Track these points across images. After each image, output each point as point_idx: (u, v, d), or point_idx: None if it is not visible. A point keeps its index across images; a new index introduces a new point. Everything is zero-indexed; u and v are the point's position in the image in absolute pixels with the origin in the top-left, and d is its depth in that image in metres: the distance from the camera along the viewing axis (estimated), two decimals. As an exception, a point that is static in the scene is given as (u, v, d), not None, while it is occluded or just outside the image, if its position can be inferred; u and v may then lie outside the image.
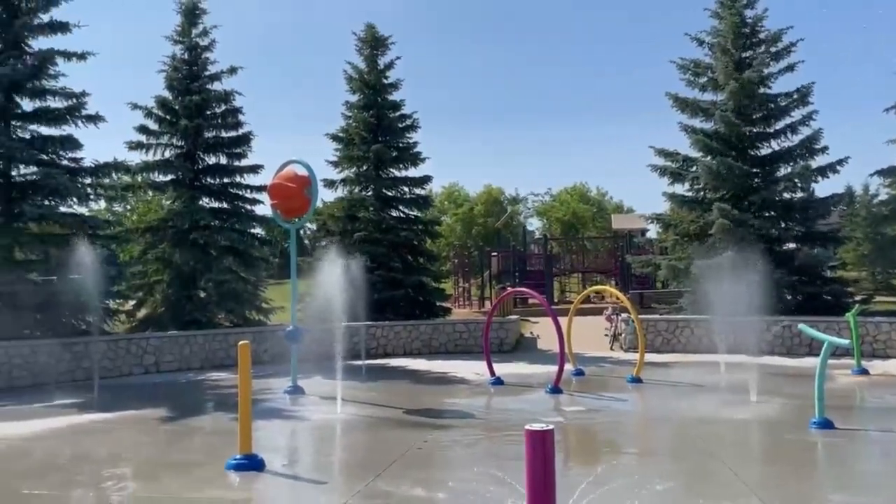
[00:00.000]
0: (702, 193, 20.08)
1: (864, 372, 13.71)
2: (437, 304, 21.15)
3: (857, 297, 19.20)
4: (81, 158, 16.64)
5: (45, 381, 13.74)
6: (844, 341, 9.78)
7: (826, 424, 8.79)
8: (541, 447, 3.17)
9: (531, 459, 3.15)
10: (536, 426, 3.24)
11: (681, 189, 20.45)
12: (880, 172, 21.15)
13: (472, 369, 14.79)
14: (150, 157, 18.89)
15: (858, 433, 8.72)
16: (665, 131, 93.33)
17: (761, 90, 19.63)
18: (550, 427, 3.23)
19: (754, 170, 19.48)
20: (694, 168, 19.97)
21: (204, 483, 6.86)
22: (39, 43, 16.50)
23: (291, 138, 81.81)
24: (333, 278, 12.52)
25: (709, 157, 19.58)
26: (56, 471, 7.56)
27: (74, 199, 16.38)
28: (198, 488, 6.68)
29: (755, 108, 19.62)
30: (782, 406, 10.42)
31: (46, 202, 16.13)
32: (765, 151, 19.97)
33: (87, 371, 14.30)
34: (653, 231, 38.30)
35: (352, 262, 19.40)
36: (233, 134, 19.57)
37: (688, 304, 18.80)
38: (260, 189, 19.31)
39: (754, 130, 19.87)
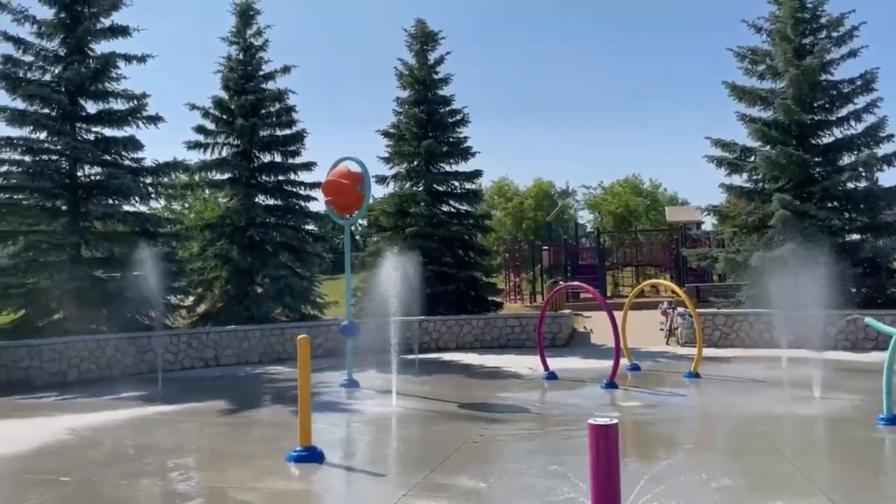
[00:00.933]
0: (760, 184, 19.54)
1: (936, 367, 13.16)
2: (489, 298, 21.15)
3: (928, 290, 18.39)
4: (143, 158, 17.20)
5: (111, 374, 14.27)
6: (915, 336, 9.38)
7: (894, 420, 8.49)
8: (604, 441, 3.15)
9: (595, 453, 3.13)
10: (600, 420, 3.21)
11: (738, 180, 19.94)
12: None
13: (525, 364, 14.75)
14: (207, 156, 19.39)
15: (931, 431, 8.38)
16: (722, 122, 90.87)
17: (822, 77, 18.97)
18: (615, 421, 3.21)
19: (816, 159, 18.85)
20: (752, 158, 19.44)
21: (265, 473, 7.02)
22: (101, 47, 17.11)
23: (343, 135, 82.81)
24: (387, 274, 12.64)
25: (768, 147, 19.05)
26: (125, 461, 7.83)
27: (137, 199, 16.92)
28: (259, 479, 6.84)
29: (816, 96, 18.98)
30: (848, 402, 10.09)
31: (110, 201, 16.72)
32: (826, 140, 19.31)
33: (151, 364, 14.76)
34: (708, 223, 37.54)
35: (404, 258, 19.61)
36: (287, 132, 19.92)
37: (746, 298, 18.34)
38: (313, 186, 19.61)
39: (815, 118, 19.23)
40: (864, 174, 18.84)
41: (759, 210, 18.90)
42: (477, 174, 21.60)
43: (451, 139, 21.36)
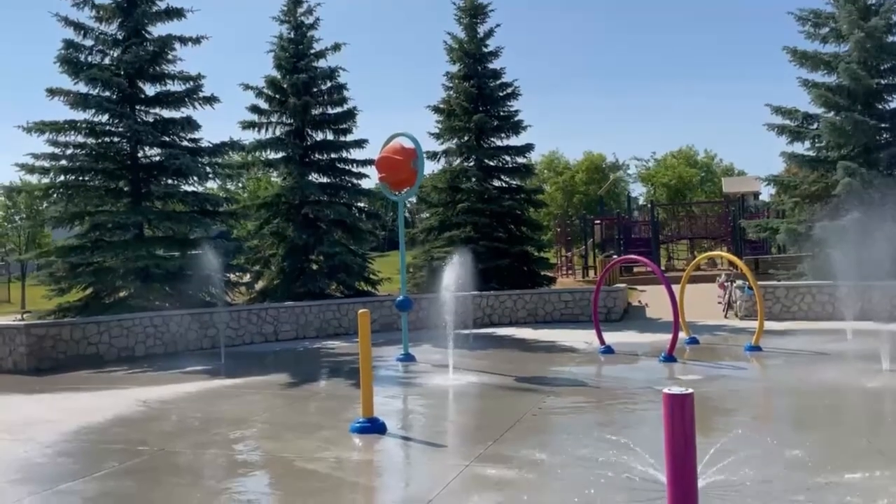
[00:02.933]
0: (824, 152, 18.89)
1: None
2: (541, 273, 21.07)
3: None
4: (200, 139, 17.54)
5: (175, 349, 14.73)
6: None
7: (972, 395, 8.18)
8: (679, 411, 3.11)
9: (670, 423, 3.11)
10: (676, 390, 3.18)
11: (800, 148, 19.31)
12: None
13: (580, 338, 14.67)
14: (262, 135, 19.68)
15: None
16: (781, 88, 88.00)
17: (889, 39, 18.14)
18: (690, 391, 3.17)
19: (882, 125, 18.13)
20: (815, 126, 18.78)
21: (329, 444, 7.17)
22: (157, 29, 17.42)
23: (394, 112, 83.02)
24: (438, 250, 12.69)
25: (832, 113, 18.36)
26: (193, 431, 8.11)
27: (195, 179, 17.30)
28: (324, 448, 6.99)
29: (883, 59, 18.18)
30: (920, 375, 9.75)
31: (170, 181, 17.16)
32: (894, 105, 18.52)
33: (213, 339, 15.20)
34: (765, 194, 36.51)
35: (455, 235, 19.61)
36: (338, 110, 20.05)
37: (808, 270, 17.84)
38: (365, 163, 19.75)
39: (882, 83, 18.46)
40: (935, 138, 18.03)
41: (823, 179, 18.30)
42: (528, 148, 21.41)
43: (501, 113, 21.20)
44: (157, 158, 16.81)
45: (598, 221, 33.95)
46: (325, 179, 20.02)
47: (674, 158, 58.93)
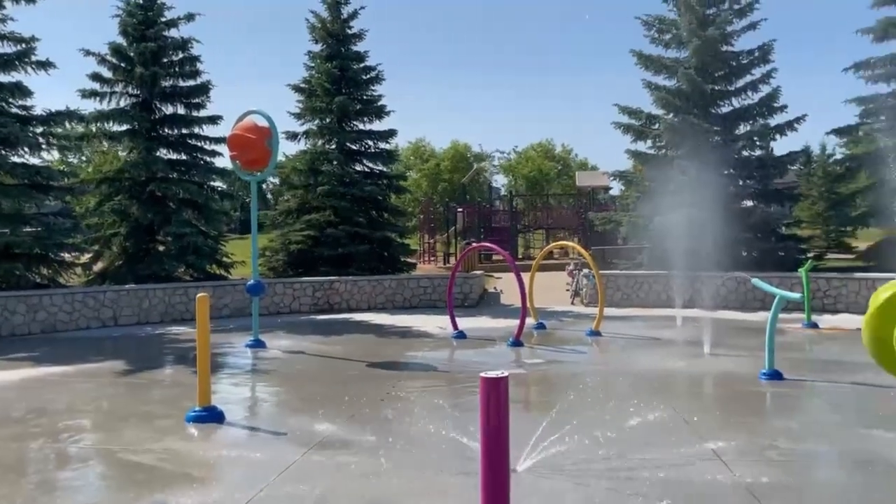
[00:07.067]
0: (663, 151, 20.26)
1: (815, 326, 14.19)
2: (402, 259, 21.18)
3: (810, 254, 19.74)
4: (32, 106, 16.09)
5: (-1, 334, 13.50)
6: (796, 295, 10.05)
7: (775, 375, 9.10)
8: (495, 393, 3.22)
9: (485, 405, 3.21)
10: (491, 373, 3.29)
11: (643, 146, 20.62)
12: (836, 131, 21.55)
13: (435, 324, 14.91)
14: (104, 105, 18.33)
15: (806, 384, 9.04)
16: (631, 89, 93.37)
17: (724, 48, 19.73)
18: (505, 374, 3.28)
19: (715, 127, 19.69)
20: (656, 126, 20.09)
21: (163, 434, 6.85)
22: (-16, -16, 15.74)
23: (253, 89, 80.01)
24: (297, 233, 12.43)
25: (671, 115, 19.72)
26: (12, 423, 7.46)
27: (26, 149, 15.85)
28: (156, 439, 6.66)
29: (717, 66, 19.74)
30: (735, 358, 10.72)
31: (-4, 151, 15.61)
32: (726, 109, 20.17)
33: (43, 324, 14.08)
34: (616, 188, 38.66)
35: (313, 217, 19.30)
36: (191, 83, 19.05)
37: (647, 261, 19.12)
38: (219, 140, 18.90)
39: (716, 88, 20.03)
40: (759, 143, 19.85)
41: (661, 176, 19.62)
42: (391, 133, 21.40)
43: (364, 97, 21.02)
44: (-20, 125, 15.23)
45: (460, 210, 34.60)
46: (175, 156, 18.97)
47: (534, 151, 61.15)
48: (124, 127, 18.42)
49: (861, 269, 18.27)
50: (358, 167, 21.10)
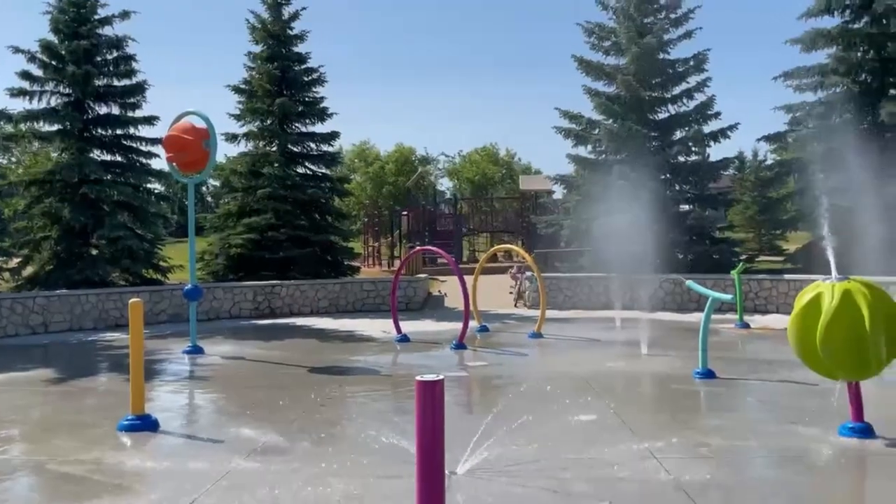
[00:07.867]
0: (603, 156, 20.66)
1: (746, 326, 14.67)
2: (346, 262, 21.01)
3: (743, 257, 20.41)
4: (-46, 104, 15.38)
5: (-83, 343, 12.84)
6: (727, 296, 10.38)
7: (708, 374, 9.37)
8: (430, 397, 3.23)
9: (421, 409, 3.21)
10: (427, 376, 3.29)
11: (584, 151, 20.97)
12: (767, 138, 22.32)
13: (379, 327, 14.84)
14: (34, 105, 17.67)
15: (737, 382, 9.32)
16: (573, 94, 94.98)
17: (661, 56, 20.26)
18: (441, 377, 3.29)
19: (652, 133, 20.18)
20: (597, 131, 20.48)
21: (94, 444, 6.62)
22: None
23: (191, 90, 78.29)
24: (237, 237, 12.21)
25: (610, 121, 20.13)
26: (-71, 437, 7.11)
27: (-53, 149, 15.15)
28: (87, 450, 6.44)
29: (655, 73, 20.25)
30: (670, 358, 11.00)
31: (-86, 151, 14.88)
32: (662, 116, 20.70)
33: (-34, 333, 13.45)
34: (559, 192, 39.22)
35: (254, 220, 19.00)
36: (126, 83, 18.52)
37: (588, 264, 19.45)
38: (156, 142, 18.41)
39: (653, 95, 20.54)
40: (694, 149, 20.44)
41: (601, 180, 20.01)
42: (334, 136, 21.22)
43: (306, 99, 20.81)
44: None
45: (405, 213, 34.59)
46: (109, 157, 18.40)
47: (478, 155, 61.61)
48: (55, 127, 17.78)
49: (790, 272, 18.97)
50: (300, 169, 20.86)
